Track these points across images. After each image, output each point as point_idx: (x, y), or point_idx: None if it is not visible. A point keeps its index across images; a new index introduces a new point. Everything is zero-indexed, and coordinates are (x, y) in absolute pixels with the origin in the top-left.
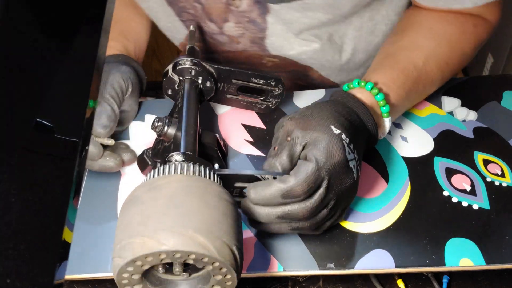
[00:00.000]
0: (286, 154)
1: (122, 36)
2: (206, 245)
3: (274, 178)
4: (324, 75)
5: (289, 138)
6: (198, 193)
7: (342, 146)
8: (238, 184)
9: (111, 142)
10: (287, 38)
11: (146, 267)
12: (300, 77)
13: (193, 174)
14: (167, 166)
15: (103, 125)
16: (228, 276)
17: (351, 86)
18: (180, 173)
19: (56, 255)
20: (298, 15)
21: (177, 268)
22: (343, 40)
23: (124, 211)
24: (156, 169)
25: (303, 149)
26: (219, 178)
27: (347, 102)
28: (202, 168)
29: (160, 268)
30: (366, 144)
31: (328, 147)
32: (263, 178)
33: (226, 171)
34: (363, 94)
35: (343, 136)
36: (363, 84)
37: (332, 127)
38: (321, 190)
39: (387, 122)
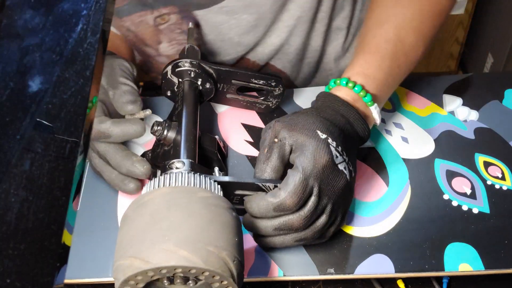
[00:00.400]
0: (276, 157)
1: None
2: (189, 257)
3: (275, 186)
4: (280, 67)
5: (276, 140)
6: (182, 204)
7: (329, 151)
8: (238, 192)
9: (148, 112)
10: (221, 45)
11: (141, 284)
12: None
13: (186, 184)
14: (154, 180)
15: (130, 100)
16: (225, 282)
17: (330, 86)
18: (169, 184)
19: (56, 255)
20: (226, 18)
21: (178, 280)
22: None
23: (119, 230)
24: (148, 183)
25: (291, 150)
26: (218, 186)
27: (330, 104)
28: (198, 177)
29: (165, 281)
30: (357, 141)
31: (315, 152)
32: (264, 186)
33: (224, 179)
34: (342, 91)
35: (330, 140)
36: (338, 82)
37: (318, 131)
38: (313, 198)
39: (374, 110)
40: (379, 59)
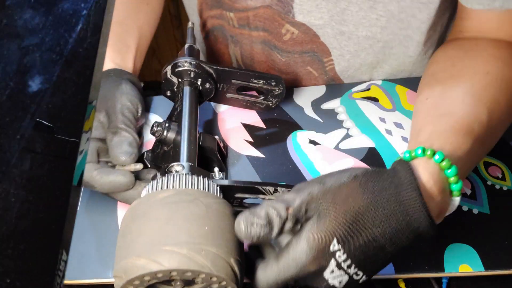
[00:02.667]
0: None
1: (121, 40)
2: (201, 262)
3: (275, 189)
4: (338, 71)
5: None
6: (187, 207)
7: (324, 262)
8: (238, 195)
9: (139, 166)
10: (318, 3)
11: (142, 287)
12: (312, 63)
13: (185, 186)
14: (154, 183)
15: (126, 152)
16: (223, 283)
17: (413, 154)
18: (172, 187)
19: (56, 255)
20: None
21: (178, 283)
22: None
23: (121, 230)
24: (148, 185)
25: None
26: (219, 189)
27: (402, 195)
28: (201, 180)
29: (162, 285)
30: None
31: (306, 257)
32: (263, 189)
33: (224, 182)
34: (426, 168)
35: (339, 254)
36: (429, 153)
37: (335, 240)
38: None
39: (456, 202)
40: (470, 143)
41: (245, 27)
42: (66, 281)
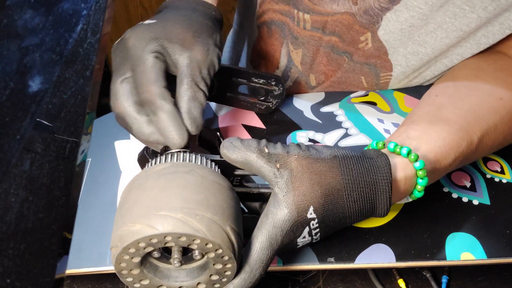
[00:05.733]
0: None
1: None
2: (196, 226)
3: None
4: (390, 83)
5: (277, 165)
6: (185, 177)
7: (299, 232)
8: (238, 172)
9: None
10: (403, 27)
11: (137, 257)
12: (367, 75)
13: (183, 161)
14: (153, 160)
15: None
16: (221, 253)
17: (397, 151)
18: (166, 161)
19: (56, 255)
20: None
21: (175, 255)
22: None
23: (119, 203)
24: (148, 163)
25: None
26: (217, 167)
27: (375, 175)
28: (194, 156)
29: (155, 253)
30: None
31: (286, 227)
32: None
33: (218, 157)
34: (404, 170)
35: (313, 222)
36: (412, 157)
37: (311, 208)
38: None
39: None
40: (453, 157)
41: (319, 30)
42: (66, 271)
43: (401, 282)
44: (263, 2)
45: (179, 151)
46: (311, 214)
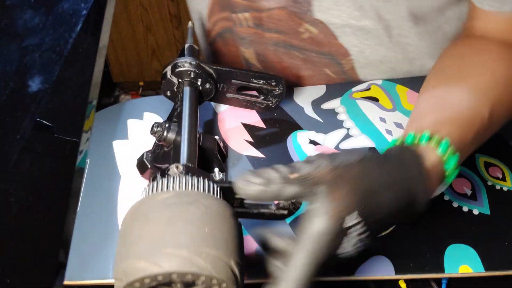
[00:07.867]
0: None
1: None
2: (201, 265)
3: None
4: (357, 67)
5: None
6: (188, 210)
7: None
8: (239, 196)
9: None
10: (339, 1)
11: None
12: (329, 66)
13: (185, 187)
14: (153, 184)
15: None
16: (224, 285)
17: (419, 138)
18: (173, 188)
19: (56, 255)
20: None
21: (178, 285)
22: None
23: (121, 231)
24: (147, 186)
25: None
26: (219, 189)
27: (410, 180)
28: (196, 180)
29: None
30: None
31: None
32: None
33: (225, 184)
34: (430, 158)
35: (358, 226)
36: (436, 139)
37: (355, 214)
38: None
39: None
40: (472, 136)
41: (259, 27)
42: (66, 282)
43: (401, 283)
44: (211, 14)
45: (182, 172)
46: (355, 218)
